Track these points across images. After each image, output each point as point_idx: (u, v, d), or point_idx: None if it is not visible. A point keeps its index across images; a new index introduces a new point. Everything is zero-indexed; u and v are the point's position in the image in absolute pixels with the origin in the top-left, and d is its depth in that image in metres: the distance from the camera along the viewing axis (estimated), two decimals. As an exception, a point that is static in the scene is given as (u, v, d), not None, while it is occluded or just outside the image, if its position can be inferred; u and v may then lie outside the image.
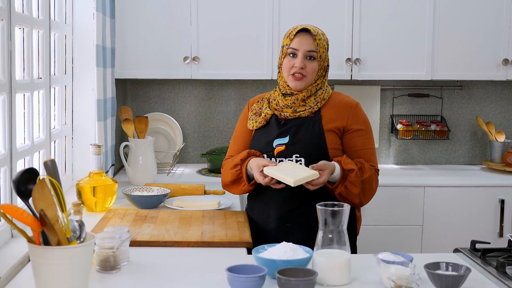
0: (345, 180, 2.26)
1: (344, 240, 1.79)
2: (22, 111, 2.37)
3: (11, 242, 2.11)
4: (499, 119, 4.11)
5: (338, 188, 2.27)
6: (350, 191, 2.26)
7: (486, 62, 3.69)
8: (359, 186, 2.26)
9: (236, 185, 2.43)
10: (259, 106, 2.46)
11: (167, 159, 3.77)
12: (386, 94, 4.05)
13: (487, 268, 1.93)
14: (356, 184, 2.25)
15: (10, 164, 2.14)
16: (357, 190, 2.26)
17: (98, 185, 2.60)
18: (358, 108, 2.41)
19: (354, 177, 2.25)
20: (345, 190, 2.26)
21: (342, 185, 2.26)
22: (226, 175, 2.45)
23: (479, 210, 3.52)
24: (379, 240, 3.48)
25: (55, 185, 1.65)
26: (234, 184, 2.43)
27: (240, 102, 4.01)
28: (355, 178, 2.25)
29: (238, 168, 2.38)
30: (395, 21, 3.64)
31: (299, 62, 2.33)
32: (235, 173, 2.39)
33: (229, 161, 2.46)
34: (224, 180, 2.48)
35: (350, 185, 2.25)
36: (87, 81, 3.01)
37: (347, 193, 2.26)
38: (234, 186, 2.44)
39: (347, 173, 2.26)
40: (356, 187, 2.26)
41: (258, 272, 1.70)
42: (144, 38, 3.56)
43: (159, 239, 2.15)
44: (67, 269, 1.61)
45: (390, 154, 4.09)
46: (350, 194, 2.27)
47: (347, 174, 2.26)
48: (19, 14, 2.28)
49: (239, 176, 2.39)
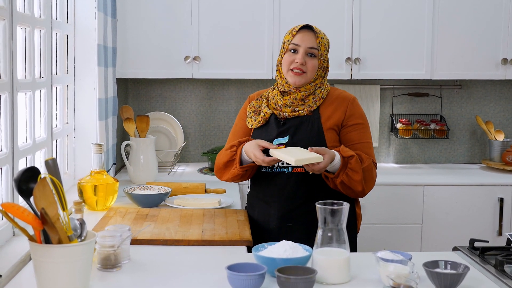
0: (346, 168, 2.24)
1: (344, 239, 1.80)
2: (24, 110, 2.39)
3: (12, 241, 2.12)
4: (498, 118, 4.12)
5: (339, 176, 2.24)
6: (352, 178, 2.24)
7: (485, 61, 3.70)
8: (360, 172, 2.25)
9: (228, 168, 2.40)
10: (258, 105, 2.46)
11: (168, 158, 3.79)
12: (386, 93, 4.06)
13: (485, 266, 1.94)
14: (357, 170, 2.24)
15: (11, 163, 2.15)
16: (359, 176, 2.25)
17: (100, 183, 2.61)
18: (355, 102, 2.41)
19: (355, 163, 2.24)
20: (347, 177, 2.24)
21: (343, 173, 2.24)
22: (221, 157, 2.43)
23: (478, 209, 3.54)
24: (378, 239, 3.49)
25: (56, 184, 1.66)
26: (226, 167, 2.40)
27: (240, 101, 4.02)
28: (355, 164, 2.24)
29: (234, 149, 2.37)
30: (394, 20, 3.65)
31: (300, 57, 2.33)
32: (230, 153, 2.37)
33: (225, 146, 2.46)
34: (217, 163, 2.46)
35: (352, 172, 2.24)
36: (89, 80, 3.02)
37: (349, 180, 2.24)
38: (226, 170, 2.41)
39: (347, 160, 2.24)
40: (358, 173, 2.24)
41: (258, 271, 1.71)
42: (145, 37, 3.57)
43: (159, 238, 2.17)
44: (68, 267, 1.62)
45: (390, 153, 4.10)
46: (352, 182, 2.25)
47: (347, 161, 2.24)
48: (21, 14, 2.29)
49: (232, 158, 2.37)
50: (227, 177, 2.44)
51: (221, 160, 2.42)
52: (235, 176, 2.39)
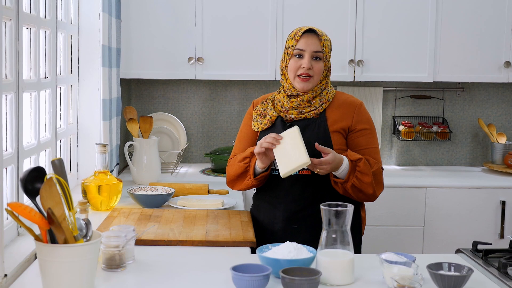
0: (355, 171, 2.25)
1: (348, 240, 1.80)
2: (29, 110, 2.39)
3: (17, 240, 2.13)
4: (501, 121, 4.12)
5: (350, 180, 2.25)
6: (362, 180, 2.24)
7: (487, 64, 3.71)
8: (370, 175, 2.25)
9: (241, 179, 2.41)
10: (264, 108, 2.46)
11: (171, 158, 3.80)
12: (389, 96, 4.07)
13: (489, 269, 1.94)
14: (367, 172, 2.25)
15: (17, 163, 2.16)
16: (369, 178, 2.25)
17: (104, 184, 2.62)
18: (362, 107, 2.41)
19: (363, 166, 2.24)
20: (358, 180, 2.24)
21: (353, 176, 2.24)
22: (233, 169, 2.43)
23: (480, 211, 3.54)
24: (381, 240, 3.50)
25: (63, 184, 1.67)
26: (239, 178, 2.41)
27: (243, 102, 4.03)
28: (364, 166, 2.24)
29: (247, 160, 2.37)
30: (397, 23, 3.66)
31: (306, 62, 2.33)
32: (243, 165, 2.37)
33: (236, 157, 2.45)
34: (229, 175, 2.46)
35: (361, 175, 2.24)
36: (93, 81, 3.02)
37: (360, 183, 2.25)
38: (239, 180, 2.42)
39: (355, 163, 2.25)
40: (368, 176, 2.25)
41: (263, 272, 1.72)
42: (149, 38, 3.58)
43: (164, 238, 2.17)
44: (73, 267, 1.63)
45: (392, 155, 4.11)
46: (363, 184, 2.25)
47: (355, 164, 2.25)
48: (27, 14, 2.29)
49: (246, 169, 2.37)
50: (241, 188, 2.45)
51: (234, 172, 2.42)
52: (249, 186, 2.41)
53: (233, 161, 2.46)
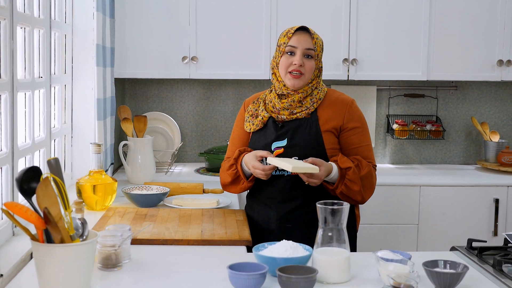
0: (344, 179, 2.28)
1: (344, 238, 1.81)
2: (24, 110, 2.39)
3: (12, 240, 2.12)
4: (494, 119, 4.14)
5: (338, 187, 2.29)
6: (350, 188, 2.28)
7: (481, 63, 3.73)
8: (358, 183, 2.28)
9: (235, 184, 2.44)
10: (255, 108, 2.46)
11: (166, 158, 3.79)
12: (382, 94, 4.08)
13: (484, 266, 1.96)
14: (356, 181, 2.27)
15: (11, 163, 2.15)
16: (357, 187, 2.28)
17: (98, 183, 2.61)
18: (354, 105, 2.42)
19: (352, 174, 2.27)
20: (346, 188, 2.28)
21: (342, 184, 2.28)
22: (225, 176, 2.47)
23: (474, 209, 3.56)
24: (375, 239, 3.51)
25: (59, 184, 1.67)
26: (233, 184, 2.45)
27: (237, 101, 4.03)
28: (353, 175, 2.27)
29: (233, 168, 2.40)
30: (391, 22, 3.67)
31: (298, 59, 2.33)
32: (232, 173, 2.41)
33: (225, 164, 2.48)
34: (223, 181, 2.50)
35: (350, 183, 2.27)
36: (87, 80, 3.02)
37: (348, 191, 2.28)
38: (234, 185, 2.46)
39: (345, 172, 2.28)
40: (356, 184, 2.28)
41: (259, 270, 1.72)
42: (143, 38, 3.58)
43: (159, 237, 2.17)
44: (70, 266, 1.63)
45: (386, 154, 4.12)
46: (351, 192, 2.29)
47: (345, 173, 2.28)
48: (21, 14, 2.29)
49: (236, 175, 2.41)
50: (238, 191, 2.49)
51: (226, 179, 2.46)
52: (246, 189, 2.45)
53: (223, 168, 2.49)
